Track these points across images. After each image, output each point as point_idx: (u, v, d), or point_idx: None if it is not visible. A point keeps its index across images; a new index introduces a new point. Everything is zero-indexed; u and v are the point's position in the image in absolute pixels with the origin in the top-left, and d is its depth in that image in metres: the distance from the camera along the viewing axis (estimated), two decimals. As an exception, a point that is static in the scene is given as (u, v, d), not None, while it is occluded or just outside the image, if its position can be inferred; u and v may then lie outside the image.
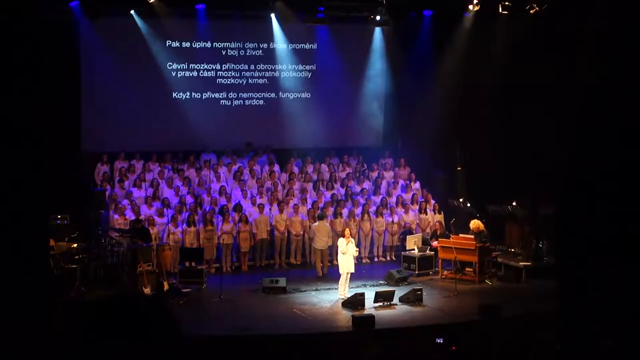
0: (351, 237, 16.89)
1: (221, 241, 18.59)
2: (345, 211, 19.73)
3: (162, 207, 18.58)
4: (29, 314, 7.96)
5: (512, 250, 19.24)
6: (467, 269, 18.04)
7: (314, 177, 21.18)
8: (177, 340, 2.76)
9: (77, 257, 16.30)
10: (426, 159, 21.80)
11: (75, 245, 16.70)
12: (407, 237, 19.04)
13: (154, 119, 20.83)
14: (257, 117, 21.74)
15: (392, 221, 20.05)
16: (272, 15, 21.13)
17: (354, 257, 16.70)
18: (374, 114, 22.83)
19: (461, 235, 18.40)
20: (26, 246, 8.18)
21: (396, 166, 22.15)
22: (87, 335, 2.69)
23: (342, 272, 16.51)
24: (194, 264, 17.45)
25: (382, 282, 17.68)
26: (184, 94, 21.10)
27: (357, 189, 21.02)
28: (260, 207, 19.14)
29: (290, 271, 18.78)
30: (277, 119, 21.85)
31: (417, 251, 18.67)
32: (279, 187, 20.49)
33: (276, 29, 21.44)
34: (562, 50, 18.38)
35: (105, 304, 2.78)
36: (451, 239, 18.26)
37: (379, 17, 21.59)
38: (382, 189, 21.23)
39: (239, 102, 21.69)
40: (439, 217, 20.35)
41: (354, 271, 16.67)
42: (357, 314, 14.89)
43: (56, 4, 18.14)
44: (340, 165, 22.03)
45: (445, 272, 18.31)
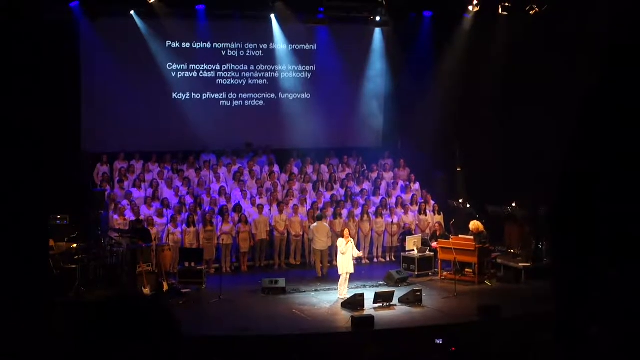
0: (350, 237, 16.90)
1: (221, 242, 18.59)
2: (344, 212, 19.72)
3: (161, 208, 18.57)
4: (28, 314, 7.96)
5: (512, 251, 19.24)
6: (466, 270, 18.04)
7: (314, 177, 21.17)
8: (177, 340, 2.76)
9: (77, 257, 16.29)
10: (426, 159, 21.79)
11: (74, 245, 16.69)
12: (407, 237, 19.04)
13: (154, 120, 20.82)
14: (257, 118, 21.73)
15: (392, 222, 20.04)
16: (272, 15, 21.12)
17: (354, 258, 16.70)
18: (374, 114, 22.82)
19: (461, 236, 18.41)
20: (26, 246, 8.19)
21: (396, 167, 22.14)
22: (87, 335, 2.68)
23: (341, 273, 16.51)
24: (193, 264, 17.45)
25: (381, 282, 17.68)
26: (183, 94, 21.09)
27: (357, 189, 21.01)
28: (259, 207, 19.13)
29: (289, 272, 18.77)
30: (277, 120, 21.83)
31: (416, 252, 18.67)
32: (279, 187, 20.48)
33: (276, 29, 21.43)
34: (562, 50, 18.37)
35: (104, 304, 2.77)
36: (451, 239, 18.26)
37: (378, 18, 21.58)
38: (382, 190, 21.21)
39: (238, 102, 21.69)
40: (439, 217, 20.34)
41: (354, 272, 16.68)
42: (356, 314, 14.89)
43: (56, 4, 18.13)
44: (340, 165, 22.01)
45: (444, 273, 18.30)
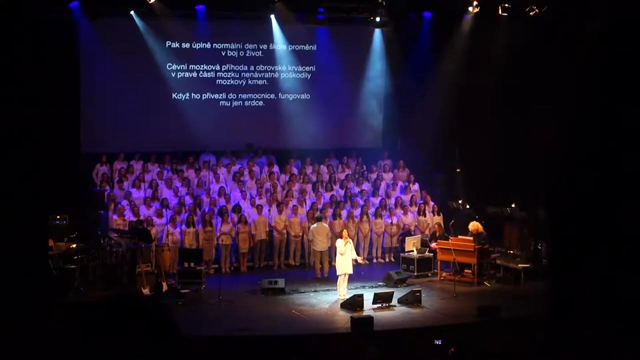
0: (349, 238, 16.90)
1: (220, 242, 18.58)
2: (344, 212, 19.72)
3: (161, 208, 18.56)
4: (28, 314, 7.96)
5: (511, 252, 19.22)
6: (466, 271, 18.03)
7: (313, 178, 21.16)
8: (176, 340, 2.75)
9: (76, 257, 16.30)
10: (425, 160, 21.80)
11: (74, 245, 16.70)
12: (406, 238, 19.04)
13: (154, 120, 20.82)
14: (256, 118, 21.72)
15: (391, 222, 20.03)
16: (272, 16, 21.12)
17: (353, 261, 16.70)
18: (374, 115, 22.82)
19: (460, 236, 18.39)
20: (25, 246, 8.19)
21: (395, 167, 22.14)
22: (86, 335, 2.67)
23: (339, 274, 16.51)
24: (192, 264, 17.44)
25: (380, 283, 17.67)
26: (183, 94, 21.09)
27: (356, 190, 21.00)
28: (258, 208, 19.12)
29: (289, 272, 18.75)
30: (277, 120, 21.83)
31: (416, 253, 18.66)
32: (278, 188, 20.47)
33: (276, 30, 21.43)
34: (562, 51, 18.37)
35: (104, 304, 2.76)
36: (450, 240, 18.25)
37: (378, 19, 21.57)
38: (381, 191, 21.20)
39: (238, 103, 21.69)
40: (438, 218, 20.34)
41: (352, 272, 16.67)
42: (355, 315, 14.88)
43: (56, 4, 18.13)
44: (339, 166, 22.01)
45: (444, 274, 18.30)
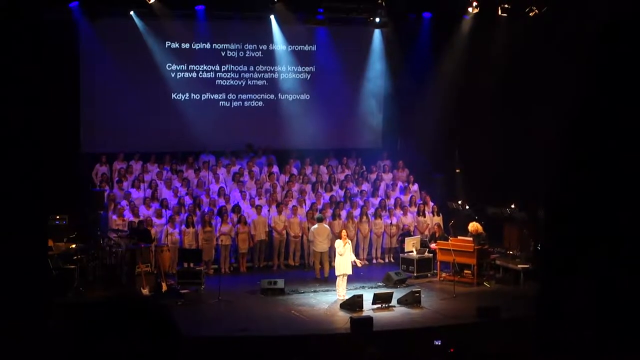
0: (348, 238, 16.89)
1: (220, 242, 18.58)
2: (343, 213, 19.71)
3: (160, 208, 18.56)
4: (27, 315, 7.95)
5: (511, 252, 19.22)
6: (465, 271, 18.03)
7: (313, 178, 21.16)
8: (176, 341, 2.75)
9: (76, 257, 16.29)
10: (425, 161, 21.80)
11: (73, 245, 16.70)
12: (406, 239, 19.04)
13: (153, 120, 20.83)
14: (256, 119, 21.72)
15: (391, 223, 20.02)
16: (272, 16, 21.12)
17: (352, 263, 16.70)
18: (373, 115, 22.82)
19: (460, 237, 18.40)
20: (25, 246, 8.18)
21: (395, 168, 22.14)
22: (86, 336, 2.67)
23: (338, 274, 16.50)
24: (192, 265, 17.44)
25: (380, 284, 17.67)
26: (183, 95, 21.09)
27: (356, 190, 21.00)
28: (258, 208, 19.11)
29: (288, 272, 18.76)
30: (276, 121, 21.83)
31: (415, 253, 18.66)
32: (278, 188, 20.47)
33: (275, 30, 21.43)
34: (562, 52, 18.37)
35: (103, 305, 2.76)
36: (450, 241, 18.26)
37: (378, 19, 21.56)
38: (381, 191, 21.20)
39: (238, 103, 21.69)
40: (438, 219, 20.33)
41: (351, 273, 16.66)
42: (355, 315, 14.88)
43: (56, 4, 18.14)
44: (339, 166, 22.01)
45: (443, 274, 18.29)
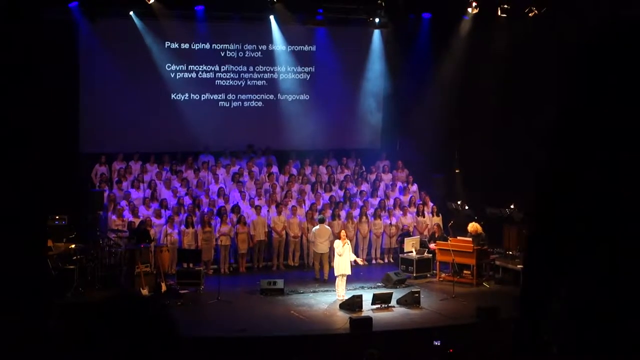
0: (348, 239, 16.89)
1: (219, 243, 18.57)
2: (343, 213, 19.71)
3: (159, 209, 18.55)
4: (27, 315, 7.95)
5: (510, 252, 19.24)
6: (465, 272, 18.02)
7: (312, 179, 21.16)
8: (175, 341, 2.76)
9: (75, 258, 16.27)
10: (424, 161, 21.80)
11: (73, 246, 16.67)
12: (405, 239, 19.04)
13: (153, 120, 20.83)
14: (255, 119, 21.73)
15: (390, 223, 20.02)
16: (271, 17, 21.12)
17: (353, 262, 16.71)
18: (373, 115, 22.81)
19: (459, 237, 18.40)
20: (24, 247, 8.18)
21: (394, 168, 22.14)
22: (85, 336, 2.68)
23: (337, 274, 16.50)
24: (191, 265, 17.43)
25: (379, 284, 17.66)
26: (182, 95, 21.09)
27: (355, 190, 21.00)
28: (257, 208, 19.11)
29: (288, 273, 18.75)
30: (276, 121, 21.83)
31: (415, 253, 18.66)
32: (277, 188, 20.46)
33: (275, 30, 21.44)
34: (561, 52, 18.38)
35: (103, 305, 2.77)
36: (449, 241, 18.26)
37: (378, 20, 21.58)
38: (380, 191, 21.20)
39: (237, 103, 21.69)
40: (437, 219, 20.34)
41: (350, 273, 16.66)
42: (354, 316, 14.87)
43: (56, 4, 18.14)
44: (338, 167, 22.01)
45: (443, 275, 18.29)
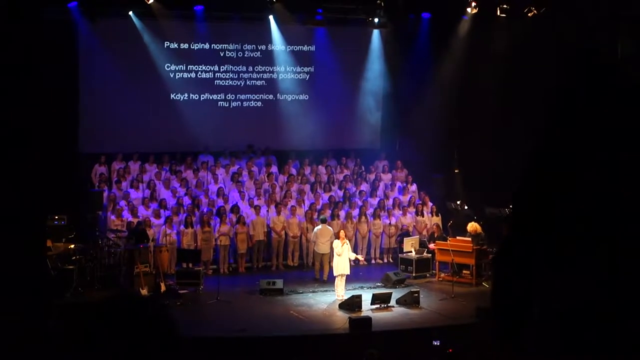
0: (347, 239, 16.89)
1: (218, 243, 18.56)
2: (342, 213, 19.71)
3: (159, 209, 18.55)
4: (26, 315, 7.95)
5: (510, 253, 19.21)
6: (464, 272, 18.02)
7: (312, 179, 21.15)
8: (175, 341, 2.76)
9: (75, 258, 16.26)
10: (424, 161, 21.80)
11: (72, 246, 16.67)
12: (405, 239, 19.03)
13: (152, 120, 20.83)
14: (255, 119, 21.73)
15: (390, 223, 20.02)
16: (271, 17, 21.12)
17: (351, 261, 16.70)
18: (372, 115, 22.81)
19: (458, 237, 18.40)
20: (24, 247, 8.18)
21: (393, 168, 22.14)
22: (85, 336, 2.68)
23: (336, 274, 16.50)
24: (191, 265, 17.43)
25: (379, 284, 17.67)
26: (182, 95, 21.08)
27: (355, 190, 20.99)
28: (257, 208, 19.10)
29: (287, 273, 18.75)
30: (275, 121, 21.83)
31: (414, 253, 18.66)
32: (277, 188, 20.46)
33: (274, 30, 21.43)
34: (561, 52, 18.38)
35: (102, 305, 2.77)
36: (448, 241, 18.26)
37: (377, 20, 21.57)
38: (380, 191, 21.20)
39: (237, 103, 21.68)
40: (437, 219, 20.34)
41: (349, 273, 16.66)
42: (354, 316, 14.88)
43: (55, 4, 18.14)
44: (337, 167, 22.00)
45: (442, 275, 18.30)
